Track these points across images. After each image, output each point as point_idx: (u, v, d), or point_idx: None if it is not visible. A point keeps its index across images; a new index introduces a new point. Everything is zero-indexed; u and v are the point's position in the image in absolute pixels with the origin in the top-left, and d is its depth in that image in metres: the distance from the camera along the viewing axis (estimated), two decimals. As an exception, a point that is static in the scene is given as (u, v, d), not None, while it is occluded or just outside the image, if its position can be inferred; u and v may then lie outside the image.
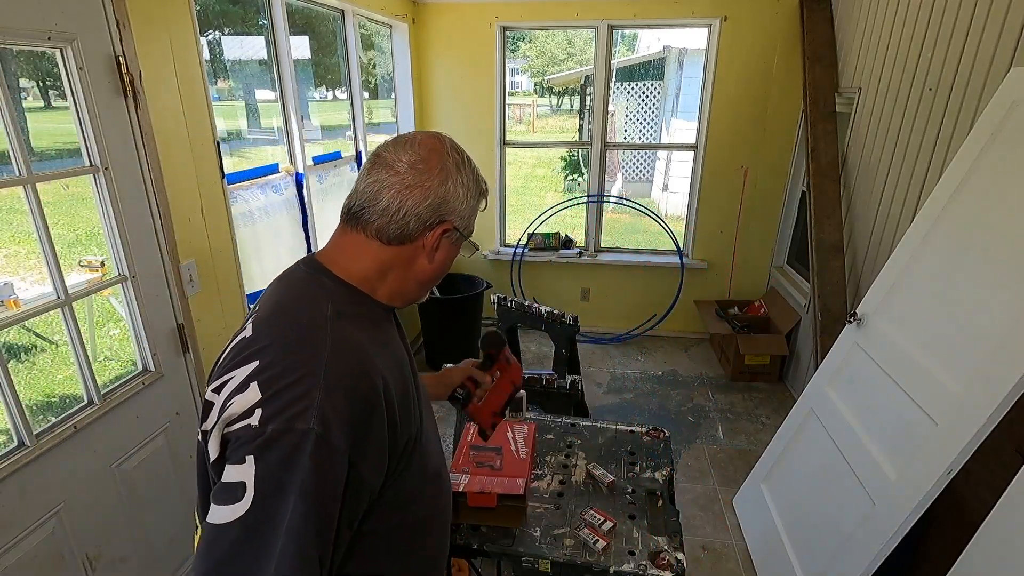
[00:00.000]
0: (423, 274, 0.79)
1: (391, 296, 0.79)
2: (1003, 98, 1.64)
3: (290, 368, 0.63)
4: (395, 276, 0.78)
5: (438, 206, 0.74)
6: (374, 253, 0.76)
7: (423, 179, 0.73)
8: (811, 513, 1.95)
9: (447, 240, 0.77)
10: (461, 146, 0.81)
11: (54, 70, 1.40)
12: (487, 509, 1.32)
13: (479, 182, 0.80)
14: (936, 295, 1.70)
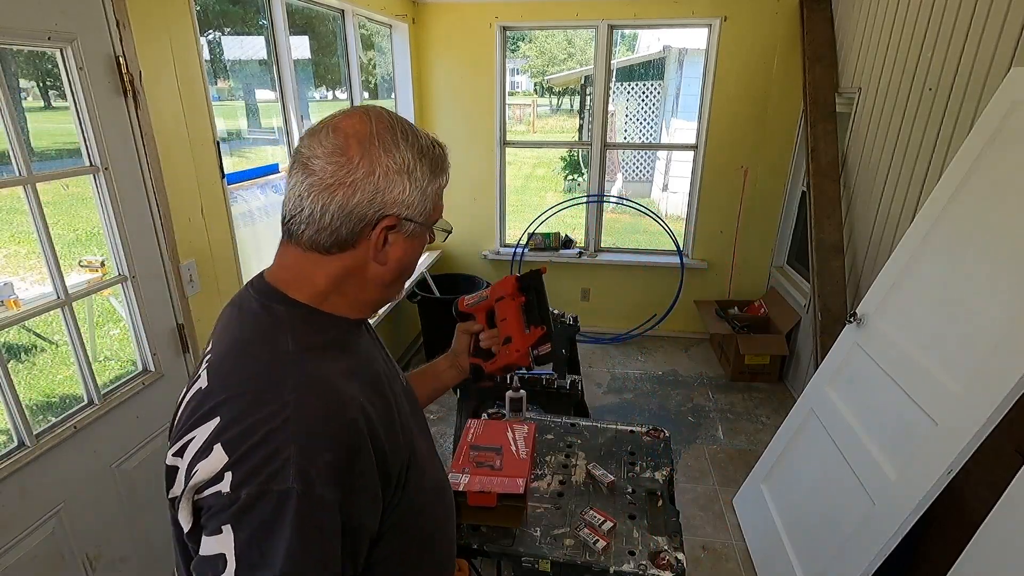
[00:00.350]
0: (381, 278, 0.69)
1: (355, 308, 0.71)
2: (1003, 98, 1.64)
3: (256, 423, 0.55)
4: (352, 286, 0.68)
5: (371, 201, 0.63)
6: (319, 267, 0.66)
7: (344, 174, 0.62)
8: (811, 513, 1.95)
9: (399, 235, 0.67)
10: (401, 118, 0.68)
11: (54, 70, 1.40)
12: (487, 509, 1.32)
13: (429, 156, 0.67)
14: (936, 295, 1.70)
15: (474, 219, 4.07)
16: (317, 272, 0.66)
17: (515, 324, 0.99)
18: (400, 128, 0.66)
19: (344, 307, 0.69)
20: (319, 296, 0.67)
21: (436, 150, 0.69)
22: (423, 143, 0.67)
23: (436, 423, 3.04)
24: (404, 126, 0.67)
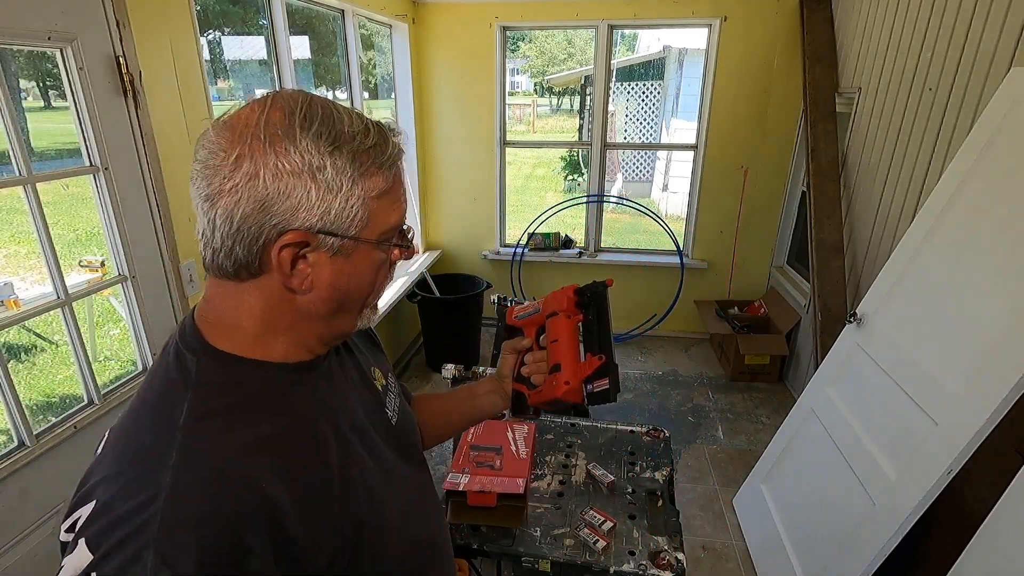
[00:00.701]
0: (314, 309, 0.56)
1: (299, 347, 0.59)
2: (1003, 98, 1.64)
3: (123, 516, 0.46)
4: (285, 321, 0.57)
5: (262, 211, 0.50)
6: (238, 300, 0.55)
7: (220, 180, 0.50)
8: (811, 513, 1.95)
9: (320, 253, 0.53)
10: (318, 100, 0.53)
11: (54, 70, 1.40)
12: (487, 509, 1.32)
13: (350, 148, 0.52)
14: (936, 295, 1.70)
15: (474, 219, 4.07)
16: (239, 308, 0.55)
17: (567, 349, 0.79)
18: (304, 114, 0.51)
19: (283, 349, 0.58)
20: (248, 339, 0.56)
21: (366, 138, 0.53)
22: (341, 131, 0.52)
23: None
24: (312, 111, 0.51)
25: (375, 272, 0.59)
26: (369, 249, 0.56)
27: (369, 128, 0.54)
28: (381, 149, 0.54)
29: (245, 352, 0.56)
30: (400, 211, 0.58)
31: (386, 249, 0.58)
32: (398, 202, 0.58)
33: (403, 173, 0.58)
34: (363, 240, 0.55)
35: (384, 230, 0.56)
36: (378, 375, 0.75)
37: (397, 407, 0.75)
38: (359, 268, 0.56)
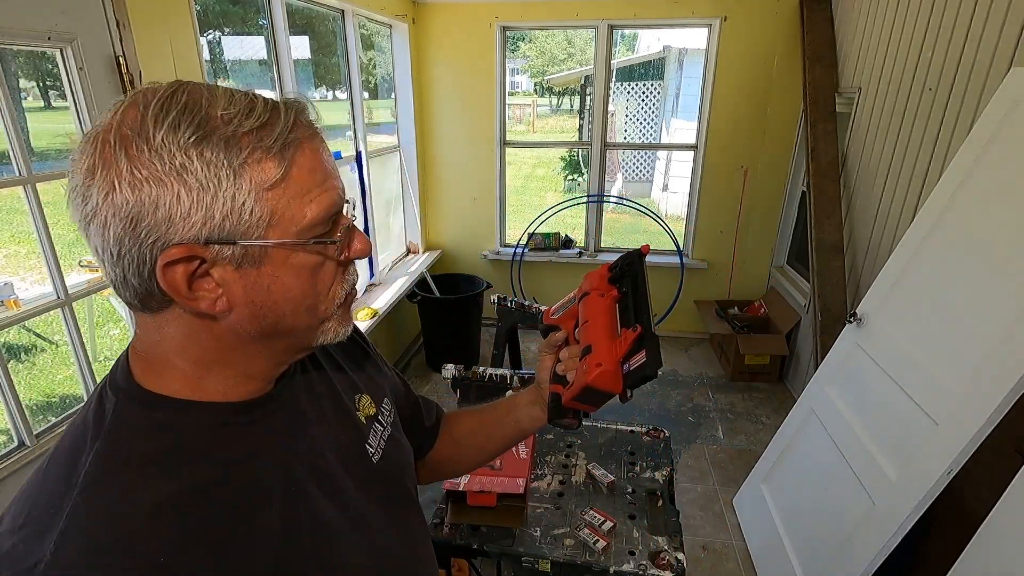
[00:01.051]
0: (242, 331, 0.48)
1: (244, 381, 0.52)
2: (1003, 98, 1.64)
3: None
4: (214, 353, 0.49)
5: (133, 231, 0.42)
6: (159, 332, 0.48)
7: (83, 203, 0.42)
8: (811, 513, 1.95)
9: (224, 267, 0.45)
10: (187, 88, 0.44)
11: (54, 70, 1.40)
12: (487, 509, 1.32)
13: (222, 136, 0.42)
14: (936, 295, 1.70)
15: (474, 219, 4.07)
16: (162, 343, 0.49)
17: (600, 328, 0.68)
18: (161, 105, 0.42)
19: (220, 386, 0.51)
20: (180, 377, 0.49)
21: (247, 120, 0.43)
22: (210, 116, 0.42)
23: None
24: (172, 100, 0.42)
25: (310, 277, 0.49)
26: (286, 253, 0.46)
27: (255, 107, 0.44)
28: (268, 129, 0.44)
29: (176, 391, 0.49)
30: (323, 201, 0.47)
31: (317, 249, 0.48)
32: (314, 190, 0.47)
33: (320, 153, 0.48)
34: (272, 243, 0.45)
35: (302, 226, 0.46)
36: (364, 404, 0.67)
37: (383, 442, 0.67)
38: (280, 277, 0.47)
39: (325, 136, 0.51)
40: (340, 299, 0.53)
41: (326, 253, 0.50)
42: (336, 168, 0.51)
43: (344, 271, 0.53)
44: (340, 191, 0.50)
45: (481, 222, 4.08)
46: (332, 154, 0.52)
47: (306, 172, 0.46)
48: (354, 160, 3.09)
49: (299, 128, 0.46)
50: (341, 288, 0.53)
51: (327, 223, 0.48)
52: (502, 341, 2.61)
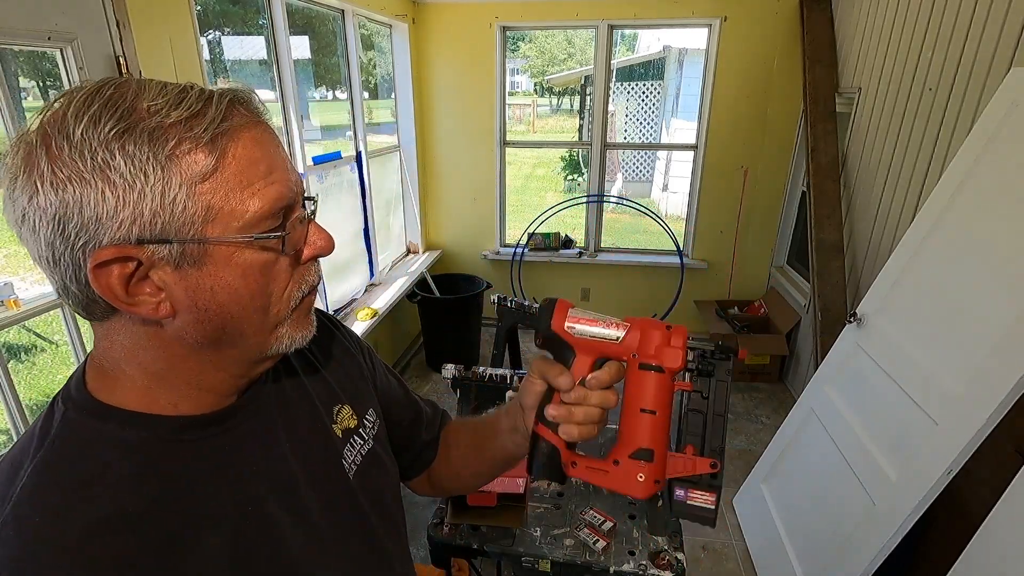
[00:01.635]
0: (189, 336, 0.45)
1: (199, 393, 0.49)
2: (1003, 98, 1.64)
3: None
4: (163, 363, 0.47)
5: (59, 237, 0.40)
6: (109, 339, 0.46)
7: (14, 203, 0.40)
8: (811, 513, 1.95)
9: (163, 269, 0.42)
10: (108, 82, 0.41)
11: (54, 70, 1.41)
12: (487, 509, 1.32)
13: (145, 130, 0.39)
14: (936, 295, 1.70)
15: (474, 219, 4.07)
16: (112, 351, 0.47)
17: (664, 430, 0.55)
18: (84, 99, 0.39)
19: (172, 398, 0.48)
20: (132, 387, 0.47)
21: (175, 110, 0.40)
22: (134, 107, 0.40)
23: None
24: (97, 95, 0.40)
25: (260, 277, 0.45)
26: (229, 250, 0.43)
27: (186, 97, 0.41)
28: (198, 118, 0.41)
29: (128, 403, 0.46)
30: (268, 194, 0.44)
31: (265, 245, 0.44)
32: (257, 182, 0.43)
33: (264, 144, 0.45)
34: (212, 240, 0.42)
35: (245, 221, 0.43)
36: (344, 416, 0.62)
37: (362, 456, 0.62)
38: (224, 277, 0.44)
39: (275, 128, 0.48)
40: (295, 301, 0.49)
41: (276, 249, 0.46)
42: (288, 160, 0.48)
43: (301, 270, 0.50)
44: (291, 184, 0.46)
45: (481, 222, 4.08)
46: (281, 146, 0.48)
47: (245, 163, 0.43)
48: (354, 160, 3.09)
49: (235, 117, 0.43)
50: (297, 289, 0.49)
51: (276, 217, 0.45)
52: (502, 341, 2.61)
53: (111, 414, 0.46)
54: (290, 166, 0.48)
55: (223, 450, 0.50)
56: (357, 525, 0.60)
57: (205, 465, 0.48)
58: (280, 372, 0.58)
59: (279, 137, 0.48)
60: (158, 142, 0.40)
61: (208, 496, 0.47)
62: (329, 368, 0.65)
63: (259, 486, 0.51)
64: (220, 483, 0.49)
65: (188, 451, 0.48)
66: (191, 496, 0.47)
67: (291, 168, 0.48)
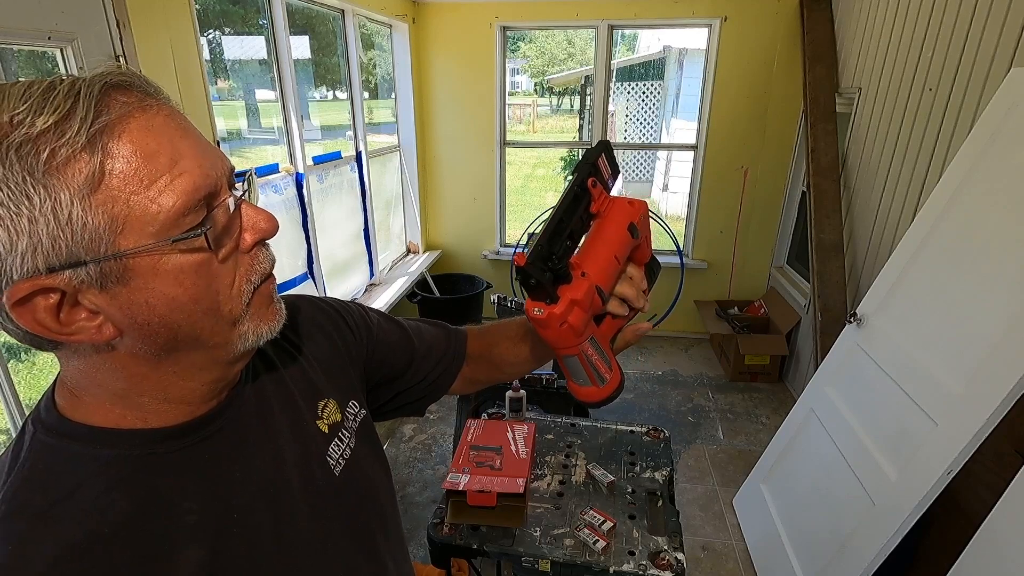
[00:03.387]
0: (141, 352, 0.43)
1: (171, 405, 0.46)
2: (1003, 98, 1.64)
3: None
4: (123, 383, 0.44)
5: None
6: (66, 362, 0.45)
7: None
8: (811, 513, 1.95)
9: (92, 292, 0.39)
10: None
11: (54, 70, 1.40)
12: (487, 509, 1.32)
13: (5, 144, 0.35)
14: (936, 295, 1.70)
15: (474, 219, 4.07)
16: (75, 376, 0.45)
17: (600, 267, 0.55)
18: None
19: (143, 414, 0.46)
20: (98, 405, 0.45)
21: (40, 117, 0.35)
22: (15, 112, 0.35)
23: (436, 423, 3.04)
24: None
25: (197, 279, 0.42)
26: (152, 259, 0.39)
27: (51, 97, 0.36)
28: (69, 119, 0.36)
29: (98, 420, 0.44)
30: (179, 187, 0.39)
31: (188, 246, 0.40)
32: (162, 176, 0.39)
33: (161, 131, 0.39)
34: (128, 253, 0.38)
35: (161, 224, 0.39)
36: (331, 410, 0.61)
37: (350, 450, 0.61)
38: (157, 288, 0.40)
39: (178, 108, 0.42)
40: (248, 294, 0.46)
41: (203, 248, 0.41)
42: (200, 141, 0.42)
43: (248, 259, 0.46)
44: (206, 169, 0.41)
45: (481, 222, 4.08)
46: (187, 127, 0.42)
47: (140, 159, 0.38)
48: (354, 160, 3.09)
49: (114, 107, 0.38)
50: (246, 281, 0.45)
51: (198, 211, 0.40)
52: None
53: (81, 433, 0.44)
54: (206, 148, 0.43)
55: (201, 460, 0.48)
56: (346, 524, 0.58)
57: (182, 477, 0.46)
58: (260, 371, 0.56)
59: (183, 117, 0.42)
60: (30, 157, 0.35)
61: (185, 510, 0.45)
62: (311, 359, 0.62)
63: (241, 494, 0.49)
64: (198, 495, 0.46)
65: (163, 464, 0.46)
66: (168, 511, 0.45)
67: (207, 150, 0.42)
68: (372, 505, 0.62)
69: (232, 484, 0.49)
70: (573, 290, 0.52)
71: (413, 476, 2.64)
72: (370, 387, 0.71)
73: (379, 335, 0.72)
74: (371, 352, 0.70)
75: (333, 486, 0.57)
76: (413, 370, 0.74)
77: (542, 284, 0.49)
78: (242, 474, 0.50)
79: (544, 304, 0.51)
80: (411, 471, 2.67)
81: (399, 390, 0.74)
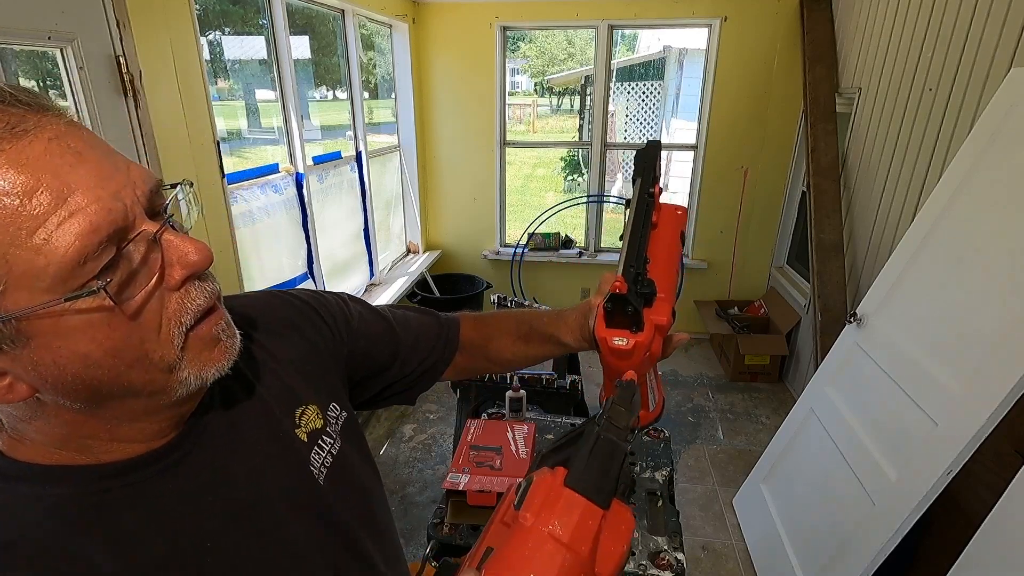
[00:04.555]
0: (71, 403, 0.38)
1: (114, 448, 0.42)
2: (1003, 98, 1.64)
3: None
4: (62, 431, 0.40)
5: None
6: None
7: None
8: (811, 513, 1.95)
9: None
10: None
11: (54, 70, 1.40)
12: (487, 508, 1.32)
13: None
14: (936, 295, 1.70)
15: (474, 219, 4.07)
16: (12, 421, 0.40)
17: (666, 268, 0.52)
18: None
19: (94, 454, 0.41)
20: (50, 451, 0.40)
21: None
22: None
23: (436, 423, 3.04)
24: None
25: (110, 332, 0.36)
26: (50, 320, 0.34)
27: None
28: None
29: (47, 458, 0.40)
30: (69, 231, 0.32)
31: (86, 305, 0.34)
32: (44, 221, 0.32)
33: (41, 160, 0.32)
34: (18, 314, 0.33)
35: (52, 279, 0.32)
36: (310, 417, 0.57)
37: (332, 457, 0.57)
38: (64, 347, 0.35)
39: (72, 124, 0.35)
40: (179, 338, 0.39)
41: (107, 307, 0.35)
42: (103, 165, 0.35)
43: (178, 297, 0.39)
44: (106, 202, 0.34)
45: (481, 222, 4.08)
46: (84, 147, 0.34)
47: (15, 200, 0.31)
48: (354, 160, 3.09)
49: None
50: (176, 325, 0.39)
51: (102, 253, 0.34)
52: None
53: (31, 473, 0.39)
54: (110, 170, 0.35)
55: (164, 492, 0.43)
56: (333, 531, 0.55)
57: (147, 511, 0.42)
58: (229, 386, 0.51)
59: (78, 134, 0.35)
60: None
61: (156, 545, 0.41)
62: (285, 363, 0.57)
63: (214, 519, 0.45)
64: (168, 527, 0.43)
65: (122, 501, 0.41)
66: (134, 549, 0.40)
67: (111, 174, 0.35)
68: (360, 508, 0.60)
69: (202, 511, 0.45)
70: (656, 313, 0.47)
71: (413, 476, 2.64)
72: (355, 381, 0.68)
73: (360, 327, 0.68)
74: (352, 346, 0.66)
75: (317, 494, 0.54)
76: (400, 362, 0.71)
77: (637, 311, 0.44)
78: (213, 498, 0.46)
79: (629, 333, 0.45)
80: (411, 471, 2.67)
81: (387, 383, 0.72)
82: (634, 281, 0.45)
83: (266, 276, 2.25)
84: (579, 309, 0.67)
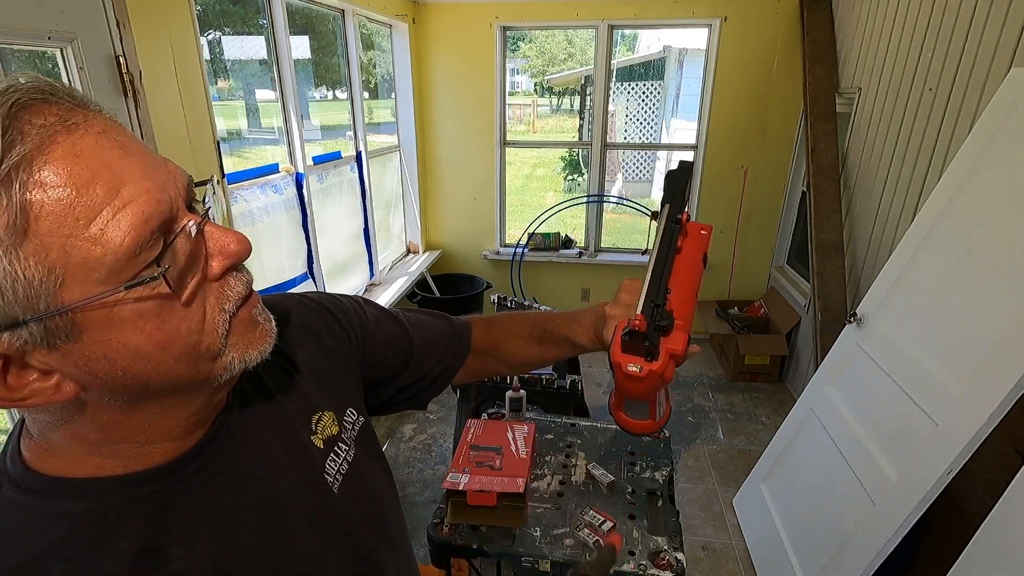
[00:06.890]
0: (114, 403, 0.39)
1: (151, 448, 0.42)
2: (1003, 98, 1.64)
3: None
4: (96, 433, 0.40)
5: None
6: (33, 416, 0.41)
7: None
8: (811, 513, 1.95)
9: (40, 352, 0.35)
10: None
11: (54, 70, 1.40)
12: (487, 509, 1.32)
13: None
14: (936, 295, 1.70)
15: (474, 219, 4.07)
16: (42, 427, 0.40)
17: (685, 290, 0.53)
18: None
19: (123, 461, 0.42)
20: (73, 456, 0.41)
21: None
22: None
23: (436, 423, 3.04)
24: None
25: (160, 323, 0.37)
26: (104, 311, 0.34)
27: None
28: None
29: (73, 470, 0.40)
30: (126, 221, 0.33)
31: (144, 293, 0.35)
32: (104, 210, 0.33)
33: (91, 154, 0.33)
34: (74, 307, 0.33)
35: (108, 269, 0.33)
36: (326, 423, 0.57)
37: (348, 464, 0.57)
38: (116, 339, 0.35)
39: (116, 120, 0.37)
40: (224, 324, 0.40)
41: (163, 292, 0.36)
42: (146, 155, 0.36)
43: (219, 287, 0.40)
44: (157, 192, 0.35)
45: (481, 222, 4.08)
46: (127, 141, 0.36)
47: (71, 192, 0.32)
48: (354, 160, 3.09)
49: (30, 133, 0.31)
50: (219, 312, 0.40)
51: (153, 245, 0.35)
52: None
53: (56, 487, 0.39)
54: (153, 165, 0.37)
55: (186, 498, 0.44)
56: (347, 540, 0.55)
57: (168, 522, 0.42)
58: (247, 392, 0.51)
59: (121, 130, 0.36)
60: None
61: (173, 556, 0.42)
62: (303, 369, 0.58)
63: (232, 526, 0.46)
64: (186, 534, 0.43)
65: (147, 511, 0.41)
66: (158, 560, 0.41)
67: (155, 167, 0.36)
68: (374, 516, 0.60)
69: (221, 517, 0.45)
70: (672, 341, 0.48)
71: (413, 476, 2.64)
72: (368, 386, 0.68)
73: (375, 331, 0.68)
74: (367, 351, 0.67)
75: (332, 503, 0.54)
76: (413, 367, 0.72)
77: (653, 343, 0.46)
78: (232, 505, 0.46)
79: (644, 361, 0.47)
80: (411, 471, 2.67)
81: (399, 387, 0.72)
82: (652, 314, 0.47)
83: (266, 276, 2.25)
84: (592, 312, 0.69)
